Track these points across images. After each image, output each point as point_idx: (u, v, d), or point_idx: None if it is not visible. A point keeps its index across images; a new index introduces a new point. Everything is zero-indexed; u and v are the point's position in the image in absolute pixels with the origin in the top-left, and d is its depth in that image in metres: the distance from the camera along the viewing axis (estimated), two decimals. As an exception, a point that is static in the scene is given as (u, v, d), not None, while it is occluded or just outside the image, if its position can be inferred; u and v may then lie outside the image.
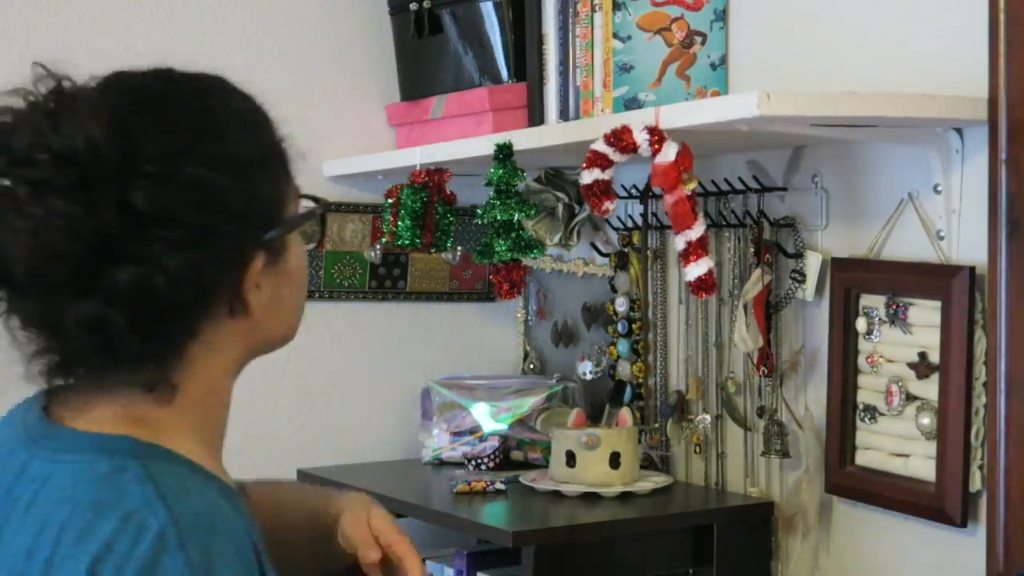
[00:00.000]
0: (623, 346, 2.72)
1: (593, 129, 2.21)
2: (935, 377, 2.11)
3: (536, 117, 2.65)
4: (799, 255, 2.37)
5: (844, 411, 2.27)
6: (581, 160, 2.17)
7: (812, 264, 2.34)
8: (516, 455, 2.82)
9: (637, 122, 2.11)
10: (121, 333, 1.31)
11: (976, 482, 2.07)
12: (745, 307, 2.37)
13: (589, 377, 2.82)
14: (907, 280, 2.17)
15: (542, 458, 2.77)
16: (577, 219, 2.62)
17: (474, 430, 2.86)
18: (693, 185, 2.11)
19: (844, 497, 2.31)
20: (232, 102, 1.45)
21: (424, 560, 1.58)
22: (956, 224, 2.12)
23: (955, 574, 2.14)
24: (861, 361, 2.25)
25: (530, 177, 2.54)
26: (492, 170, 2.39)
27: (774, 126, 2.03)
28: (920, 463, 2.15)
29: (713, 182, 2.51)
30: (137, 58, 2.77)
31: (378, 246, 3.00)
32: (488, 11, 2.74)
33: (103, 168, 1.29)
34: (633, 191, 2.67)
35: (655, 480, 2.54)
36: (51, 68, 1.34)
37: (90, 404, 1.38)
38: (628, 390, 2.69)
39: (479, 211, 2.43)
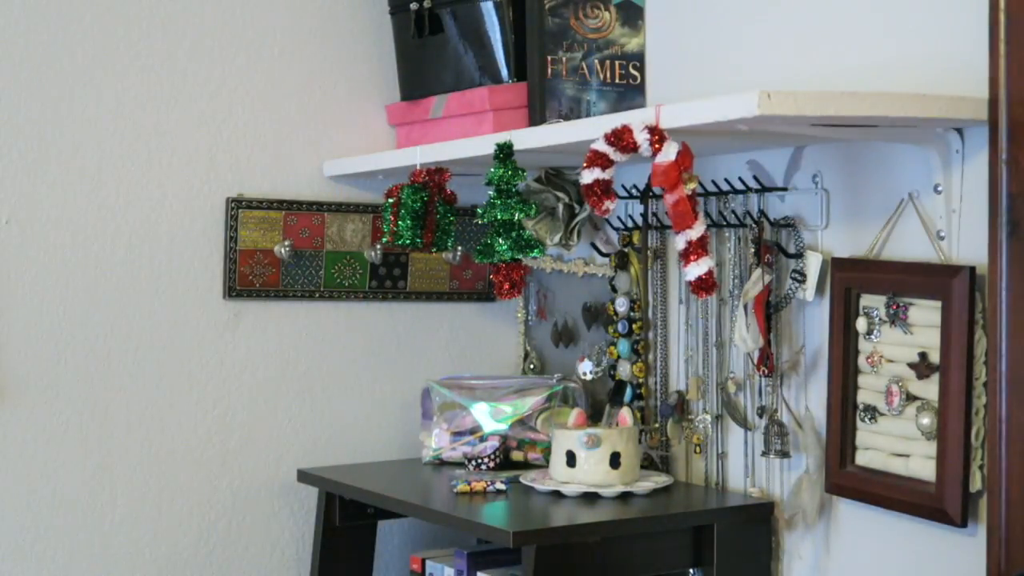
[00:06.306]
0: (623, 346, 2.72)
1: (593, 129, 2.21)
2: (935, 377, 2.11)
3: (536, 117, 2.65)
4: (799, 255, 2.37)
5: (844, 411, 2.27)
6: (581, 160, 2.17)
7: (812, 264, 2.34)
8: (516, 455, 2.82)
9: (637, 122, 2.11)
10: None
11: (976, 482, 2.07)
12: (745, 307, 2.37)
13: (589, 377, 2.82)
14: (907, 280, 2.17)
15: (542, 458, 2.78)
16: (577, 219, 2.62)
17: (474, 430, 2.85)
18: (693, 185, 2.11)
19: (844, 497, 2.31)
20: None
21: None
22: (956, 224, 2.12)
23: (955, 574, 2.14)
24: (861, 361, 2.25)
25: (530, 177, 2.54)
26: (492, 170, 2.39)
27: (774, 126, 2.03)
28: (920, 463, 2.15)
29: (713, 182, 2.51)
30: (137, 58, 2.79)
31: (378, 246, 3.00)
32: (488, 11, 2.74)
33: None
34: (633, 191, 2.67)
35: (655, 480, 2.54)
36: None
37: None
38: (628, 390, 2.69)
39: (479, 211, 2.43)
